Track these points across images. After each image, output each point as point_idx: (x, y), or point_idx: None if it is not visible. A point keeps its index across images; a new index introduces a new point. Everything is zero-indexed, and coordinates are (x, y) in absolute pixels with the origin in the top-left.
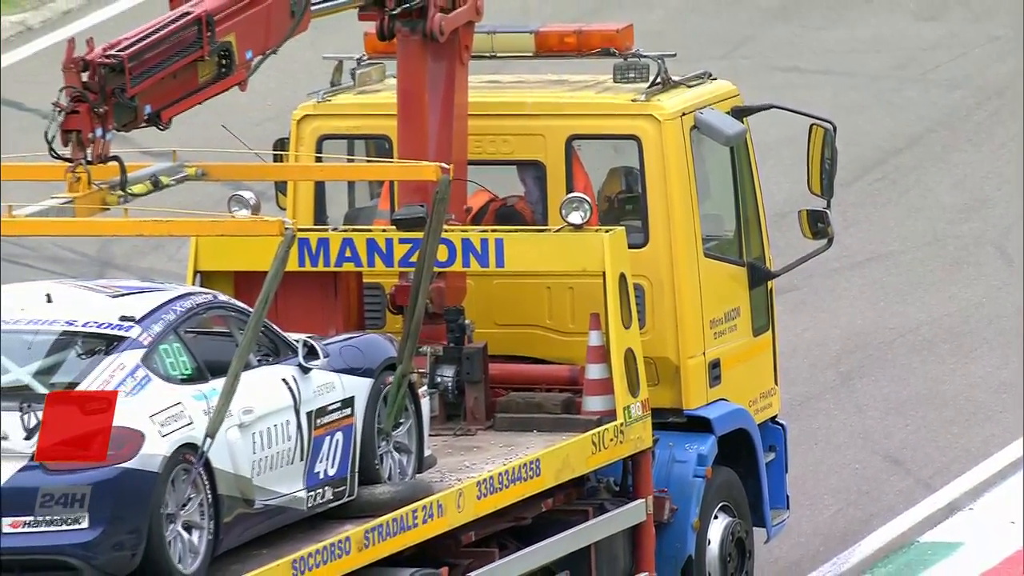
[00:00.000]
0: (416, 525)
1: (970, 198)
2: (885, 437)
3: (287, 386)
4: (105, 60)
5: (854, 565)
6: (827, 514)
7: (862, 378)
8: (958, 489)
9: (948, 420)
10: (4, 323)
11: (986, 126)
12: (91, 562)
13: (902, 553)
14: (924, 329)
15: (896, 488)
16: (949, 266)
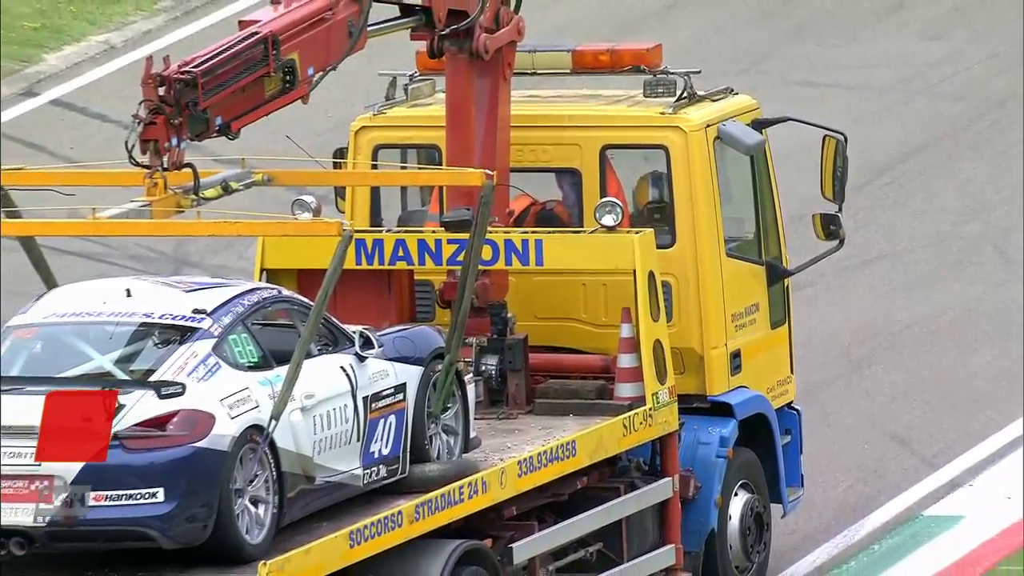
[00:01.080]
0: (462, 500)
1: (972, 201)
2: (892, 420)
3: (345, 373)
4: (180, 76)
5: (863, 537)
6: (839, 490)
7: (871, 366)
8: (959, 467)
9: (950, 405)
10: (88, 315)
11: (987, 135)
12: (166, 533)
13: (907, 526)
14: (928, 322)
15: (902, 466)
16: (952, 264)
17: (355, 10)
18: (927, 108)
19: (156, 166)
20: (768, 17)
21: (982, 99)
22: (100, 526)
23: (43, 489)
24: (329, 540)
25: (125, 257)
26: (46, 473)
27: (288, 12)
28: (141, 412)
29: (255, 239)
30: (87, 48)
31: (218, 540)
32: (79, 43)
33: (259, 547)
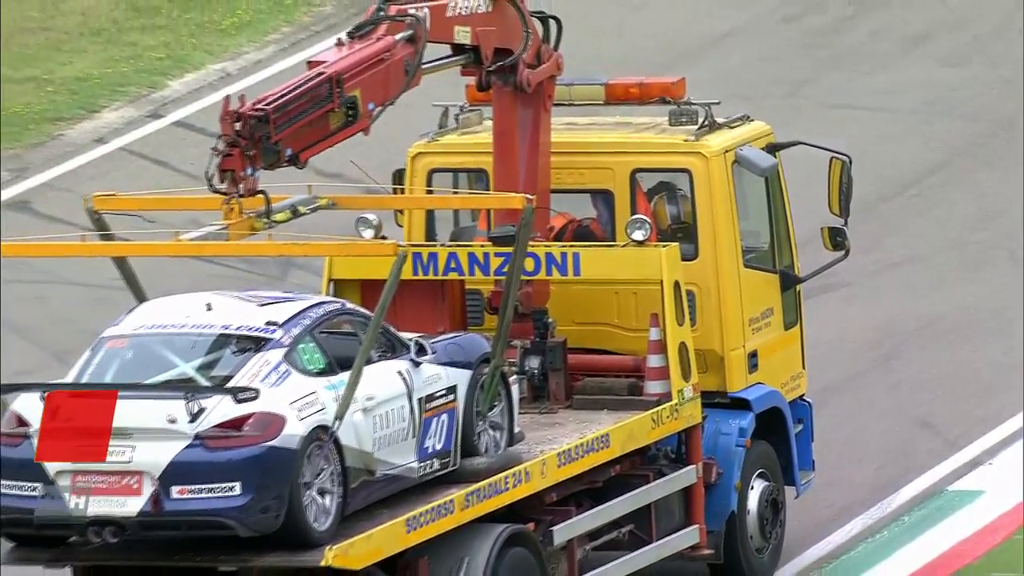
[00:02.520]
0: (508, 489)
1: (987, 211)
2: (918, 406)
3: (401, 377)
4: (253, 112)
5: (894, 510)
6: (871, 469)
7: (898, 359)
8: (979, 448)
9: (970, 392)
10: (173, 327)
11: (1000, 152)
12: (242, 522)
13: (933, 500)
14: (950, 318)
15: (927, 448)
16: (969, 267)
17: (411, 51)
18: (947, 128)
19: (232, 193)
20: (808, 48)
21: (996, 120)
22: (184, 516)
23: (133, 483)
24: (388, 526)
25: (239, 260)
26: (136, 469)
27: (351, 53)
28: (220, 414)
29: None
30: (206, 75)
31: (289, 528)
32: (199, 71)
33: (325, 533)
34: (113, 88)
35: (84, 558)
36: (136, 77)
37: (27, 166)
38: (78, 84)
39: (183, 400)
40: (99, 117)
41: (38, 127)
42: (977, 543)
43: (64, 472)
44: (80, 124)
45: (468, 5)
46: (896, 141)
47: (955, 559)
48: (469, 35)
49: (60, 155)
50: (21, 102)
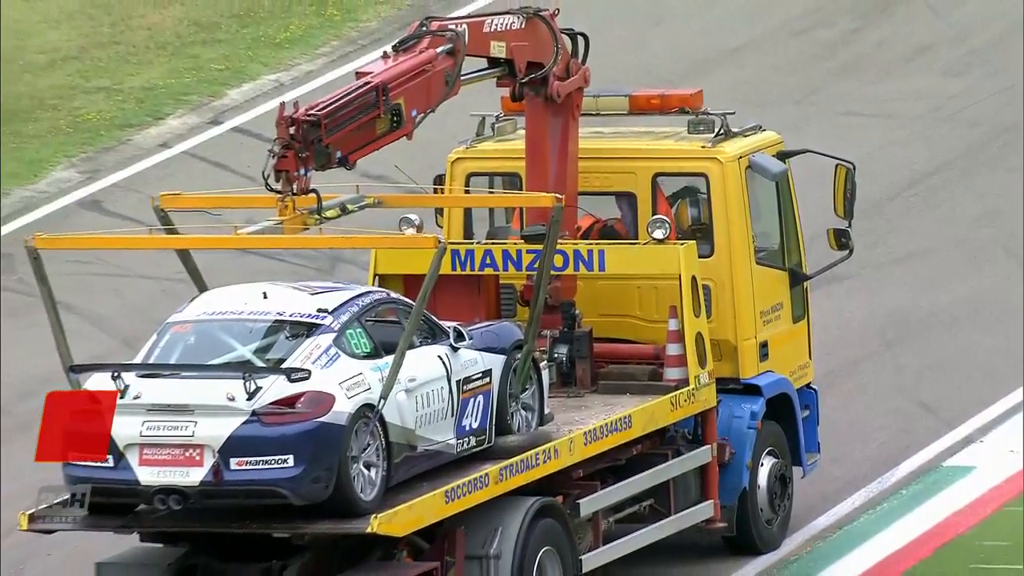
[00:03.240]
0: (538, 464)
1: (986, 209)
2: (917, 389)
3: (441, 361)
4: (306, 118)
5: (893, 483)
6: (873, 446)
7: (901, 345)
8: (971, 427)
9: (966, 376)
10: (232, 314)
11: (998, 155)
12: (295, 492)
13: (929, 475)
14: (950, 309)
15: (925, 426)
16: (969, 261)
17: (451, 63)
18: (949, 133)
19: (287, 191)
20: (818, 59)
21: (994, 125)
22: (241, 486)
23: (196, 456)
24: (428, 497)
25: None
26: (198, 443)
27: (396, 65)
28: (275, 393)
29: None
30: (261, 85)
31: (337, 497)
32: (255, 81)
33: (371, 503)
34: (177, 97)
35: (150, 524)
36: (198, 87)
37: (98, 168)
38: (145, 93)
39: (241, 379)
40: (164, 124)
41: (109, 133)
42: (969, 514)
43: (132, 445)
44: (147, 130)
45: (503, 22)
46: (900, 145)
47: (949, 529)
48: (504, 49)
49: (128, 158)
50: (94, 110)
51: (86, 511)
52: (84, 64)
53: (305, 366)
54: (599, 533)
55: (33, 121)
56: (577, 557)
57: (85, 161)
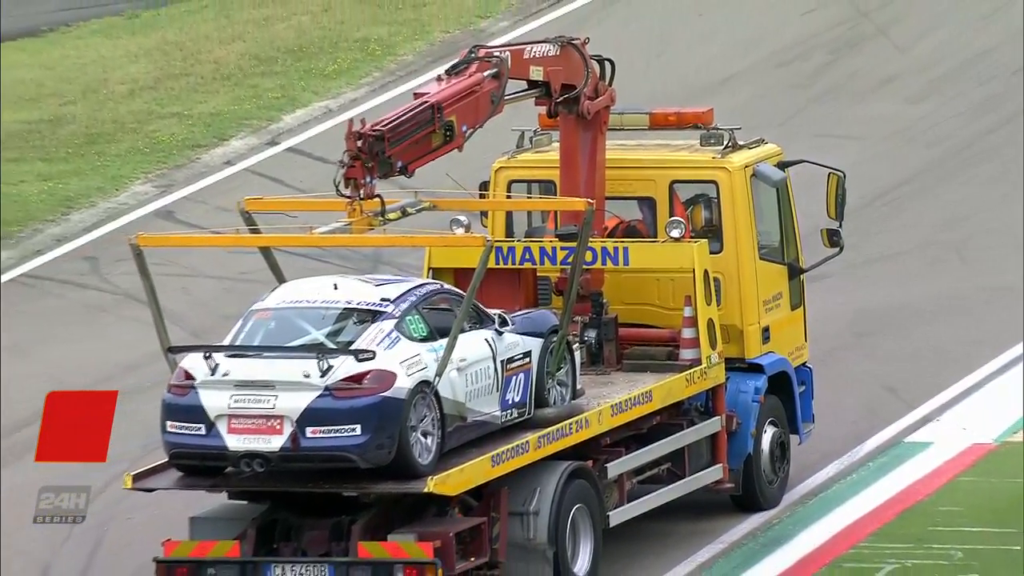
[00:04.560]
0: (571, 433)
1: (943, 218)
2: (885, 375)
3: (488, 343)
4: (372, 133)
5: (862, 456)
6: (846, 424)
7: (871, 336)
8: (930, 407)
9: (926, 364)
10: (307, 302)
11: (955, 171)
12: (362, 457)
13: (893, 449)
14: (913, 305)
15: (890, 407)
16: (929, 264)
17: (496, 85)
18: (911, 152)
19: (355, 196)
20: (797, 87)
21: (950, 146)
22: (316, 452)
23: (276, 425)
24: (477, 461)
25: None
26: (278, 414)
27: (449, 86)
28: (345, 371)
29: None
30: (312, 111)
31: (398, 461)
32: (307, 107)
33: (427, 467)
34: (239, 121)
35: (236, 485)
36: (257, 112)
37: (171, 183)
38: (212, 118)
39: (316, 359)
40: (228, 144)
41: (180, 152)
42: (928, 484)
43: (222, 416)
44: (213, 150)
45: (541, 49)
46: (870, 163)
47: (910, 496)
48: (542, 73)
49: (197, 174)
50: (167, 132)
51: (181, 473)
52: (159, 93)
53: (370, 348)
54: (624, 492)
55: (115, 142)
56: (605, 513)
57: (160, 177)
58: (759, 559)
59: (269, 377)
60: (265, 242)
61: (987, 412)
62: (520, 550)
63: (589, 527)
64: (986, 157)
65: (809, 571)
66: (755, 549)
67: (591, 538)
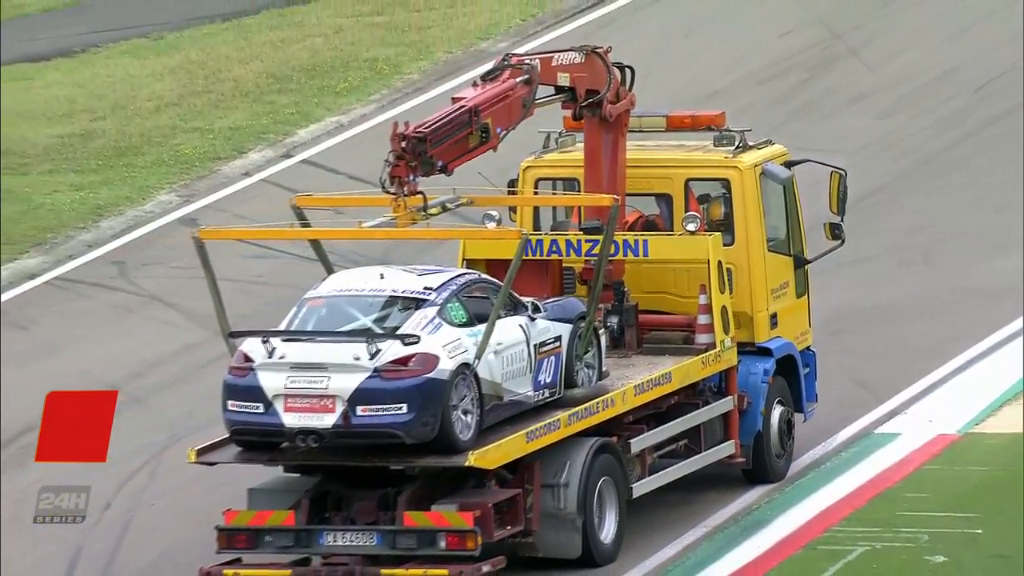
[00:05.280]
0: (598, 411)
1: (911, 225)
2: (857, 370)
3: (522, 329)
4: (414, 134)
5: (835, 447)
6: (820, 416)
7: (845, 334)
8: (897, 401)
9: (895, 360)
10: (356, 290)
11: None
12: (408, 433)
13: (863, 440)
14: (882, 305)
15: (861, 401)
16: (898, 267)
17: (527, 90)
18: (881, 164)
19: (399, 193)
20: (776, 103)
21: (917, 159)
22: (365, 428)
23: (329, 404)
24: (513, 437)
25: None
26: (331, 394)
27: (485, 91)
28: (392, 354)
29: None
30: (324, 126)
31: (441, 438)
32: (320, 122)
33: (468, 442)
34: (257, 135)
35: (292, 459)
36: (273, 127)
37: (194, 193)
38: (231, 132)
39: (365, 343)
40: (246, 157)
41: (202, 164)
42: (896, 472)
43: (279, 395)
44: (232, 162)
45: (567, 57)
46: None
47: (879, 484)
48: (568, 79)
49: (218, 184)
50: (190, 146)
51: (240, 449)
52: (183, 109)
53: (415, 333)
54: (646, 466)
55: (142, 155)
56: (628, 486)
57: (183, 187)
58: (740, 542)
59: (322, 360)
60: (317, 235)
61: (951, 405)
62: (551, 519)
63: (614, 498)
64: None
65: (786, 553)
66: (736, 532)
67: (616, 508)
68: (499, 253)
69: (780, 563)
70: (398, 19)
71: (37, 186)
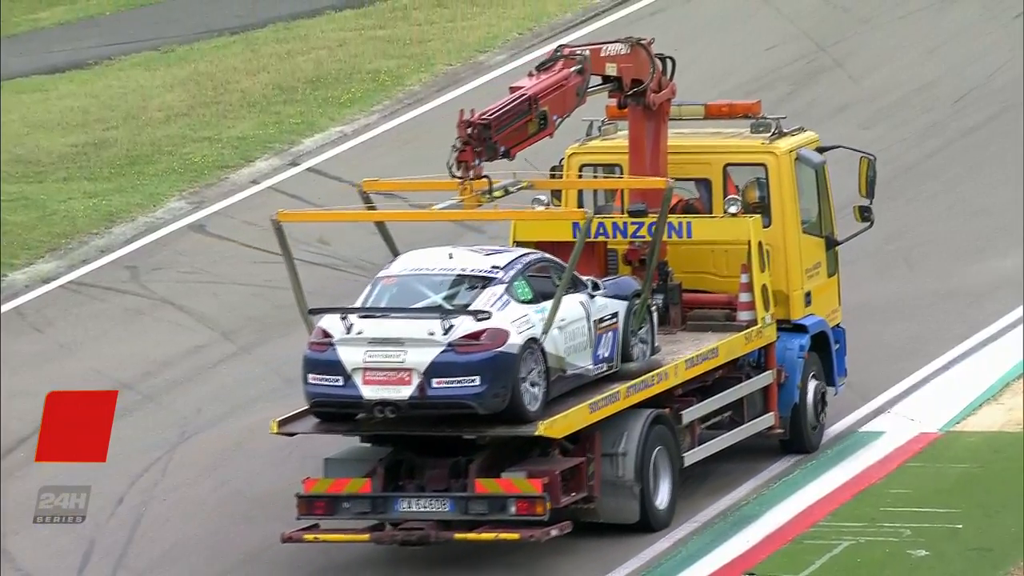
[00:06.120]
0: (654, 384)
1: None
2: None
3: (582, 305)
4: (480, 121)
5: (823, 443)
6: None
7: None
8: (882, 399)
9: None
10: (426, 270)
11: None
12: (481, 404)
13: (849, 437)
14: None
15: (846, 400)
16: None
17: (580, 80)
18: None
19: (466, 177)
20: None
21: (898, 166)
22: (440, 400)
23: (405, 377)
24: (577, 408)
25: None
26: (407, 367)
27: (541, 81)
28: (464, 329)
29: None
30: (328, 135)
31: (511, 409)
32: (324, 132)
33: (535, 413)
34: (264, 144)
35: (369, 429)
36: (280, 136)
37: (203, 200)
38: (239, 141)
39: (439, 319)
40: (253, 165)
41: (211, 172)
42: (880, 469)
43: (358, 369)
44: (240, 170)
45: (614, 48)
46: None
47: (863, 480)
48: (616, 69)
49: (226, 192)
50: (199, 154)
51: (318, 420)
52: (192, 119)
53: (486, 309)
54: (695, 437)
55: (153, 163)
56: (680, 455)
57: (192, 194)
58: (729, 536)
59: (399, 335)
60: (390, 217)
61: (933, 404)
62: (611, 486)
63: (667, 467)
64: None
65: (774, 547)
66: (726, 527)
67: (669, 476)
68: (548, 235)
69: (768, 557)
70: (399, 32)
71: (52, 193)
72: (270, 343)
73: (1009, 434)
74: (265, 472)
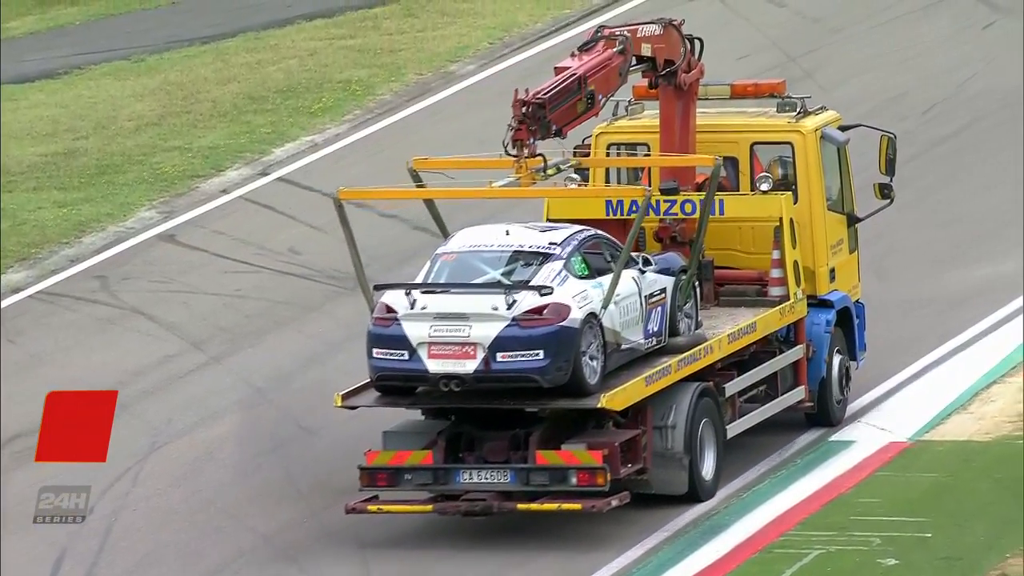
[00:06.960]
0: (701, 358)
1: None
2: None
3: (635, 281)
4: (534, 100)
5: (791, 454)
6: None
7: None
8: (854, 408)
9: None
10: (484, 246)
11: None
12: (544, 377)
13: (820, 445)
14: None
15: None
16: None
17: (622, 60)
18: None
19: (521, 155)
20: None
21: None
22: (505, 373)
23: (470, 351)
24: (634, 382)
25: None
26: (472, 341)
27: (587, 61)
28: (526, 304)
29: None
30: (300, 144)
31: (573, 382)
32: (295, 141)
33: (595, 386)
34: (234, 154)
35: (432, 402)
36: (250, 146)
37: (173, 209)
38: (209, 151)
39: (503, 295)
40: (224, 175)
41: (181, 182)
42: (850, 478)
43: (423, 343)
44: (211, 179)
45: (649, 29)
46: None
47: (834, 489)
48: (650, 49)
49: (197, 201)
50: (169, 164)
51: (379, 394)
52: (162, 128)
53: (547, 284)
54: (736, 409)
55: (123, 173)
56: (723, 427)
57: (163, 204)
58: (700, 545)
59: (463, 310)
60: (447, 195)
61: (903, 413)
62: (660, 458)
63: (712, 439)
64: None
65: (744, 556)
66: (696, 537)
67: (714, 448)
68: (580, 213)
69: (738, 566)
70: (370, 42)
71: (22, 203)
72: (240, 353)
73: (978, 443)
74: (236, 482)
